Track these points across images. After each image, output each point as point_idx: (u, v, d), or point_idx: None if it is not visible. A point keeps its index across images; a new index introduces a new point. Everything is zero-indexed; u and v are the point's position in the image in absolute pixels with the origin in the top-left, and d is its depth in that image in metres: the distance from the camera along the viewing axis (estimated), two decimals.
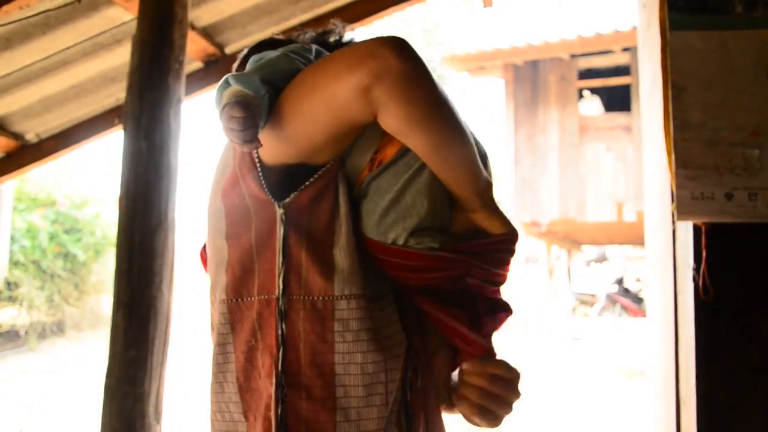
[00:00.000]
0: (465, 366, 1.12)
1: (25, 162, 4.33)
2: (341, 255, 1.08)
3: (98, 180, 11.60)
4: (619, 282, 14.77)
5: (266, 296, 1.08)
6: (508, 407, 1.13)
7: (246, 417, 1.12)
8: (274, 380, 1.06)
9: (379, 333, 1.08)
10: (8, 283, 9.66)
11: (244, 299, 1.11)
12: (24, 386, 8.02)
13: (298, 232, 1.08)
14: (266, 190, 1.07)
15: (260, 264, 1.10)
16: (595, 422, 6.55)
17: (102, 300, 10.82)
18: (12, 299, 9.93)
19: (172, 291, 2.90)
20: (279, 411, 1.05)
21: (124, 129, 2.95)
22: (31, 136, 4.29)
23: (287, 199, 1.07)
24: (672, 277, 1.75)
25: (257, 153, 1.09)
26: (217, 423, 1.17)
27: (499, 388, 1.11)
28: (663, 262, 1.86)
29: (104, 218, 10.94)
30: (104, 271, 10.58)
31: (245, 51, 1.27)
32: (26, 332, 10.05)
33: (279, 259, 1.07)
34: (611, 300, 13.99)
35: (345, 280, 1.07)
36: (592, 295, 14.45)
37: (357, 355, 1.06)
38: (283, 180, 1.08)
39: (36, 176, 10.25)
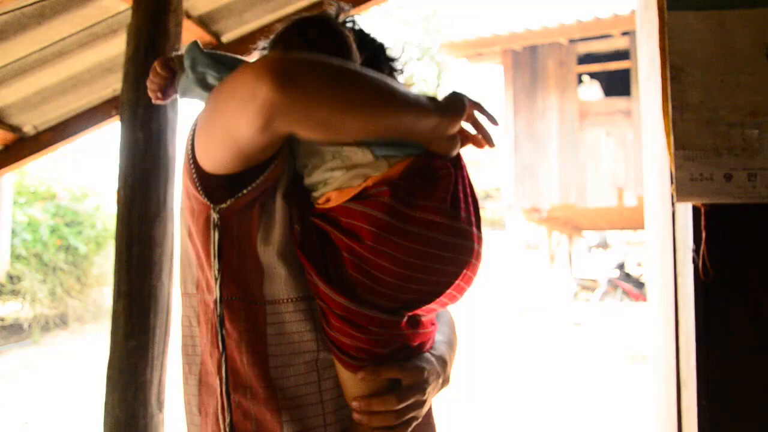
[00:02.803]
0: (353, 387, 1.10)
1: (23, 154, 4.32)
2: (274, 260, 1.09)
3: (98, 172, 11.62)
4: (621, 267, 14.79)
5: (212, 296, 1.11)
6: (424, 406, 1.14)
7: (200, 411, 1.16)
8: (217, 381, 1.10)
9: (317, 334, 1.09)
10: (10, 277, 9.70)
11: (204, 296, 1.14)
12: (28, 379, 8.06)
13: (231, 236, 1.09)
14: (201, 192, 1.09)
15: (206, 264, 1.13)
16: (598, 407, 6.57)
17: (104, 292, 10.84)
18: (15, 293, 9.96)
19: (172, 280, 2.91)
20: (227, 414, 1.09)
21: (121, 119, 2.95)
22: (28, 129, 4.28)
23: (224, 205, 1.08)
24: (672, 259, 1.74)
25: (192, 156, 1.10)
26: (187, 415, 1.21)
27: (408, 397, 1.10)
28: (663, 245, 1.86)
29: (104, 210, 10.95)
30: (106, 263, 10.60)
31: (288, 26, 1.28)
32: (29, 325, 10.09)
33: (215, 264, 1.09)
34: (612, 285, 14.01)
35: (279, 284, 1.09)
36: (594, 281, 14.47)
37: (291, 356, 1.08)
38: (224, 183, 1.09)
39: (35, 169, 10.27)
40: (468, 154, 1.22)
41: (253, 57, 1.30)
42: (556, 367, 8.12)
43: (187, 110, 3.24)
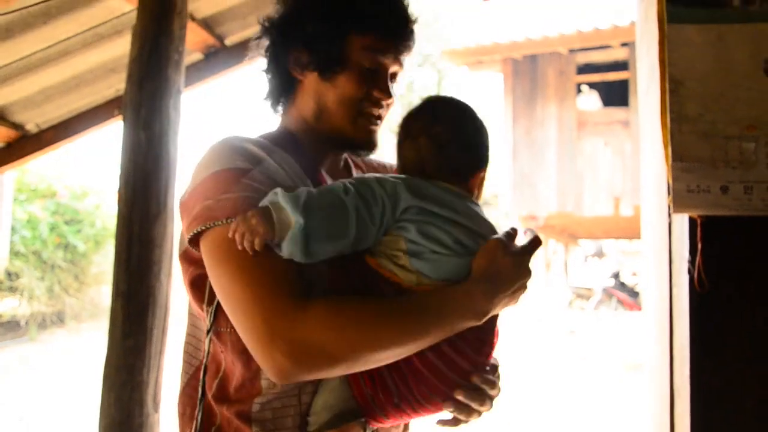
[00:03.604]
0: None
1: (26, 152, 4.34)
2: None
3: (98, 171, 11.62)
4: (616, 276, 14.79)
5: (206, 324, 1.16)
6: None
7: (178, 410, 1.22)
8: (197, 393, 1.17)
9: None
10: (9, 274, 9.70)
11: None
12: (24, 375, 8.04)
13: None
14: (189, 242, 1.11)
15: (197, 306, 1.18)
16: (592, 415, 6.58)
17: (102, 291, 10.83)
18: (13, 289, 9.96)
19: (170, 280, 2.92)
20: (199, 415, 1.15)
21: (124, 119, 2.96)
22: (31, 127, 4.29)
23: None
24: (668, 269, 1.75)
25: (192, 237, 1.09)
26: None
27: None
28: (659, 255, 1.87)
29: (104, 209, 10.96)
30: (104, 262, 10.59)
31: None
32: (27, 322, 10.08)
33: (206, 296, 1.13)
34: (607, 294, 14.01)
35: None
36: (589, 289, 14.47)
37: None
38: None
39: (36, 167, 10.26)
40: None
41: (251, 62, 1.30)
42: (550, 374, 8.13)
43: (188, 112, 3.26)
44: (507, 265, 1.09)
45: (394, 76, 1.28)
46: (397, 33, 1.25)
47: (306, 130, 1.25)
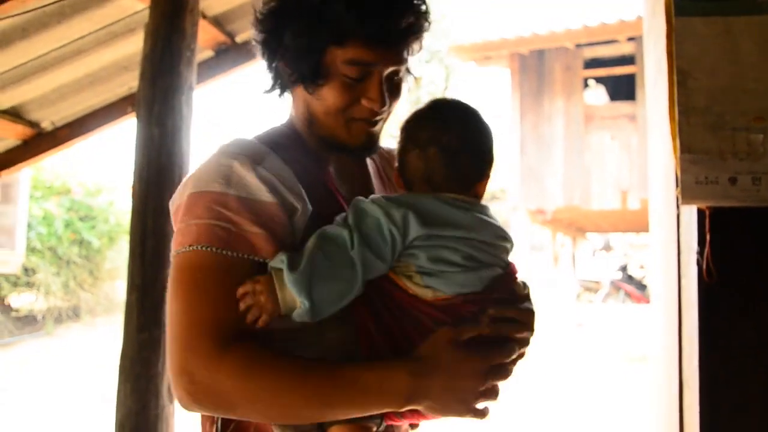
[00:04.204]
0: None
1: (41, 150, 4.39)
2: None
3: (111, 168, 11.70)
4: (623, 269, 14.79)
5: None
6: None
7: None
8: None
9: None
10: (26, 269, 9.83)
11: None
12: (41, 368, 8.13)
13: None
14: None
15: None
16: (599, 406, 6.60)
17: (116, 286, 10.95)
18: (29, 285, 10.11)
19: None
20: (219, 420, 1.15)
21: (137, 116, 3.00)
22: (46, 124, 4.34)
23: None
24: (676, 261, 1.75)
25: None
26: None
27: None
28: (667, 247, 1.88)
29: (118, 206, 11.08)
30: (118, 257, 10.71)
31: None
32: (43, 317, 10.22)
33: None
34: (615, 287, 14.01)
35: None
36: (597, 282, 14.47)
37: None
38: None
39: (51, 165, 10.37)
40: None
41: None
42: (558, 367, 8.14)
43: (200, 108, 3.29)
44: (451, 354, 1.04)
45: (395, 73, 1.17)
46: (386, 40, 1.10)
47: (306, 131, 1.22)
